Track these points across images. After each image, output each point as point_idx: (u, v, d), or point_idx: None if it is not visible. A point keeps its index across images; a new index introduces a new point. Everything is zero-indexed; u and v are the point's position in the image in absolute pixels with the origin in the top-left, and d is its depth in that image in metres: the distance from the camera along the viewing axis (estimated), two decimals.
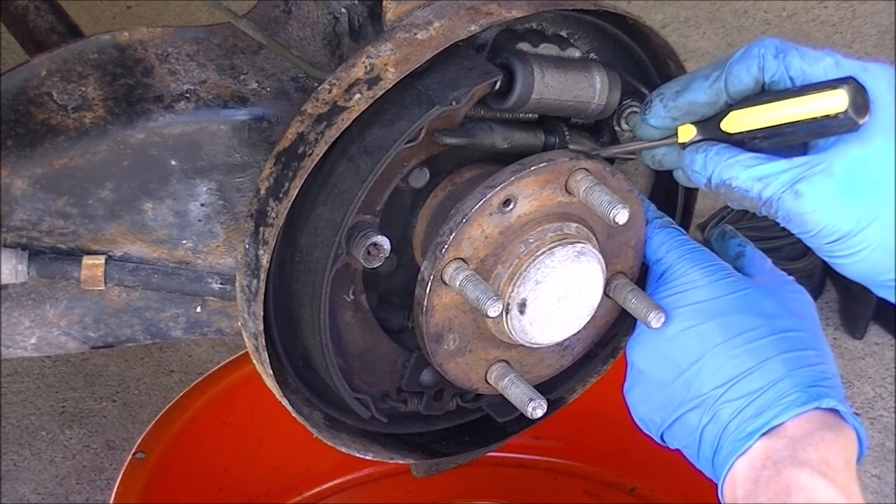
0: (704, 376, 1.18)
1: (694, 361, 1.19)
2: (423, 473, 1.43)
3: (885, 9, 3.56)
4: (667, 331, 1.21)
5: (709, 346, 1.19)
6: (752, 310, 1.20)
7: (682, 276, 1.23)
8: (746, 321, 1.19)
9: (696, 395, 1.19)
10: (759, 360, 1.17)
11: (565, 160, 1.20)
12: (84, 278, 1.28)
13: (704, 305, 1.21)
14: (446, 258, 1.18)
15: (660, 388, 1.22)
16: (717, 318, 1.20)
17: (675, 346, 1.20)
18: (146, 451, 1.93)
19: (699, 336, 1.19)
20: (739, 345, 1.18)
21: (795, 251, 2.68)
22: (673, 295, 1.22)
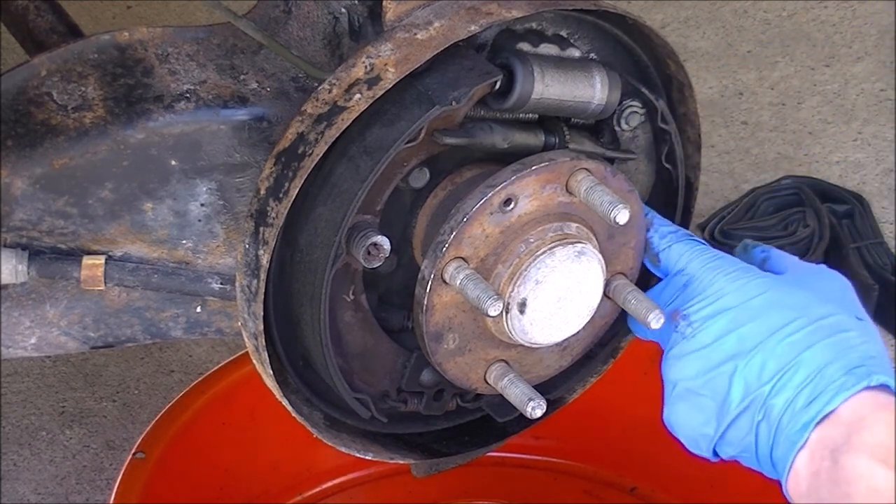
0: (750, 377, 1.17)
1: (737, 365, 1.18)
2: (423, 473, 1.43)
3: (885, 9, 3.56)
4: (704, 341, 1.20)
5: (749, 347, 1.18)
6: (785, 304, 1.20)
7: (709, 285, 1.22)
8: (782, 316, 1.19)
9: (743, 397, 1.18)
10: (801, 350, 1.16)
11: (566, 160, 1.20)
12: (84, 278, 1.28)
13: (737, 310, 1.20)
14: (447, 257, 1.18)
15: (706, 400, 1.20)
16: (752, 319, 1.19)
17: (714, 355, 1.20)
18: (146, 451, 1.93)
19: (738, 340, 1.19)
20: (779, 340, 1.17)
21: (795, 251, 2.67)
22: (704, 305, 1.21)
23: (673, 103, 1.33)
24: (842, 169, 3.06)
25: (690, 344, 1.21)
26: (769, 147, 3.15)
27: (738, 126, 3.22)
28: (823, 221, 2.71)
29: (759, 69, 3.40)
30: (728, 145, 3.15)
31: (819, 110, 3.26)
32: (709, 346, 1.20)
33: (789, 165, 3.06)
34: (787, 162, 3.09)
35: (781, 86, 3.34)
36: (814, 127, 3.20)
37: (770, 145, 3.15)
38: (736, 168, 3.08)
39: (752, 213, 2.78)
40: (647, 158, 1.35)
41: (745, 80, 3.37)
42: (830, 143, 3.14)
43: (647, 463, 2.14)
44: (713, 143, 3.13)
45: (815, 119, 3.23)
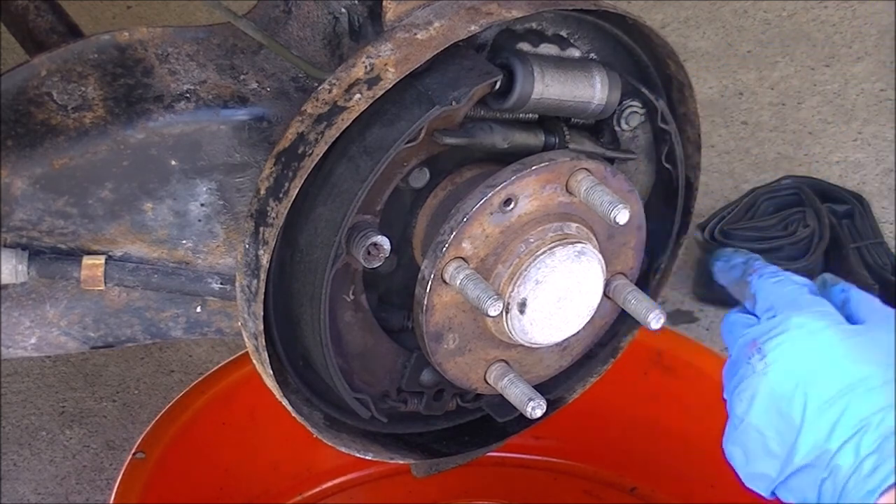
0: (819, 432, 1.15)
1: (807, 416, 1.16)
2: (423, 473, 1.43)
3: (885, 9, 3.56)
4: (777, 382, 1.17)
5: (822, 399, 1.15)
6: (864, 359, 1.16)
7: (794, 325, 1.19)
8: (859, 371, 1.16)
9: (810, 450, 1.15)
10: (875, 411, 1.13)
11: (566, 160, 1.20)
12: (84, 278, 1.28)
13: (817, 356, 1.17)
14: (447, 257, 1.18)
15: (772, 443, 1.18)
16: (830, 368, 1.16)
17: (786, 401, 1.17)
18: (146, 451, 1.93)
19: (812, 389, 1.16)
20: (853, 395, 1.14)
21: (796, 251, 2.68)
22: (784, 342, 1.19)
23: (673, 103, 1.33)
24: (842, 169, 3.06)
25: (762, 382, 1.18)
26: (769, 147, 3.15)
27: (738, 126, 3.22)
28: (823, 221, 2.71)
29: (759, 69, 3.40)
30: (728, 145, 3.15)
31: (819, 110, 3.26)
32: (781, 391, 1.17)
33: (789, 165, 3.06)
34: (787, 162, 3.08)
35: (781, 86, 3.34)
36: (814, 127, 3.20)
37: (770, 145, 3.15)
38: (736, 168, 3.07)
39: (752, 213, 2.78)
40: (647, 158, 1.35)
41: (745, 80, 3.37)
42: (830, 143, 3.14)
43: (647, 463, 2.14)
44: (713, 143, 3.13)
45: (815, 119, 3.23)
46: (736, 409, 1.20)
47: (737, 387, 1.20)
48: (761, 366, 1.18)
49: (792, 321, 1.19)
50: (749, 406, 1.19)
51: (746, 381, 1.19)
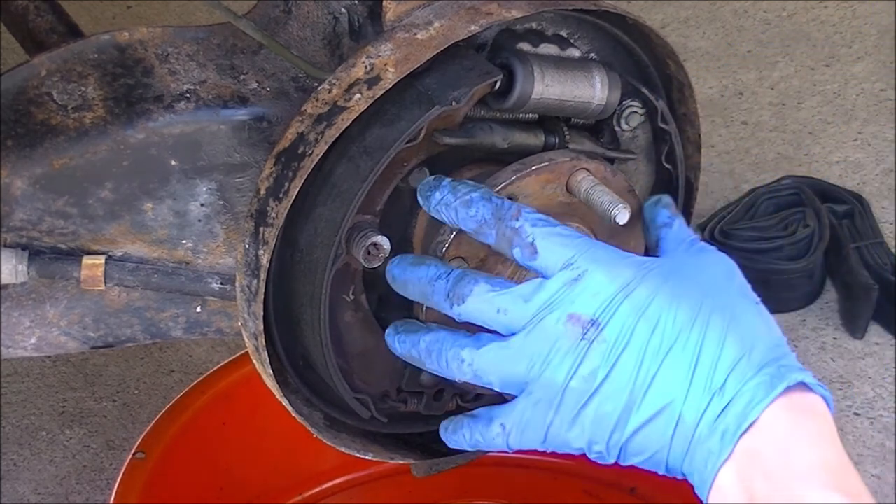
0: (659, 386, 1.07)
1: (639, 371, 1.08)
2: (423, 473, 1.43)
3: (885, 9, 3.56)
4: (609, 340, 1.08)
5: (654, 350, 1.07)
6: (688, 297, 1.08)
7: (603, 283, 1.10)
8: (685, 315, 1.08)
9: (654, 403, 1.07)
10: (696, 348, 1.06)
11: (566, 160, 1.20)
12: (84, 278, 1.28)
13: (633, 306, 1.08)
14: (447, 256, 1.18)
15: (609, 405, 1.09)
16: (634, 313, 1.08)
17: (615, 358, 1.08)
18: (146, 451, 1.93)
19: (640, 343, 1.08)
20: (670, 336, 1.07)
21: (795, 251, 2.68)
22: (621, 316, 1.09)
23: (673, 103, 1.33)
24: (842, 169, 3.06)
25: (599, 346, 1.08)
26: (769, 147, 3.15)
27: (738, 126, 3.22)
28: (823, 221, 2.71)
29: (759, 69, 3.41)
30: (728, 145, 3.15)
31: (819, 110, 3.26)
32: (621, 353, 1.08)
33: (789, 165, 3.06)
34: (787, 162, 3.09)
35: (781, 86, 3.35)
36: (814, 127, 3.20)
37: (770, 145, 3.15)
38: (736, 168, 3.08)
39: (752, 213, 2.78)
40: (647, 158, 1.35)
41: (745, 80, 3.37)
42: (830, 143, 3.15)
43: None
44: (713, 143, 3.14)
45: (815, 119, 3.23)
46: (571, 396, 1.08)
47: (574, 368, 1.08)
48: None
49: (608, 281, 1.09)
50: (593, 383, 1.08)
51: (587, 360, 1.08)
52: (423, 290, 1.17)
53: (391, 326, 1.22)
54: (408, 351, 1.19)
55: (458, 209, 1.15)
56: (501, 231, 1.13)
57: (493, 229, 1.14)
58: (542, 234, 1.13)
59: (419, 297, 1.18)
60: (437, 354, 1.16)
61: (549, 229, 1.13)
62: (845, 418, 2.43)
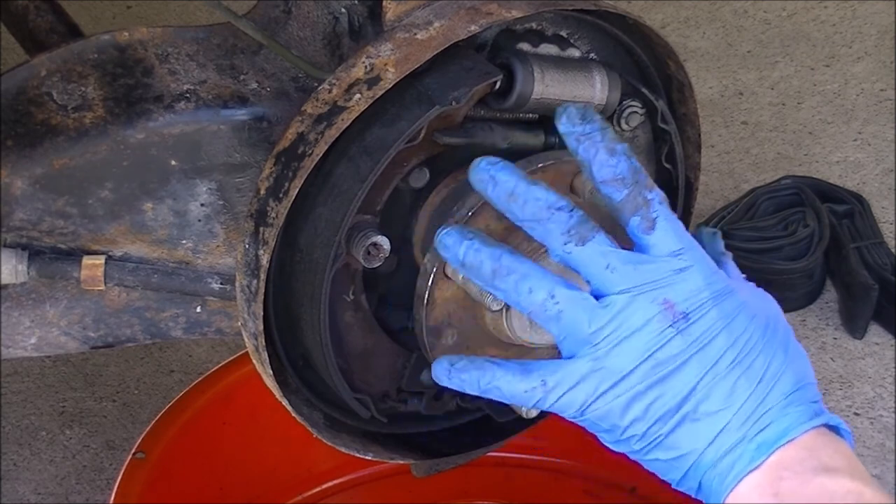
0: (717, 387, 1.10)
1: (707, 370, 1.11)
2: (423, 473, 1.43)
3: (885, 9, 3.57)
4: (692, 336, 1.11)
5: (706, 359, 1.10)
6: (754, 318, 1.12)
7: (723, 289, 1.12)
8: (753, 338, 1.12)
9: (691, 406, 1.10)
10: (761, 376, 1.10)
11: (571, 159, 1.20)
12: (84, 278, 1.29)
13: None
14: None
15: (664, 397, 1.11)
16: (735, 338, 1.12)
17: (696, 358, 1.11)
18: (146, 451, 1.93)
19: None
20: (745, 353, 1.11)
21: (795, 251, 2.68)
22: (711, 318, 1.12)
23: (673, 103, 1.33)
24: (842, 169, 3.06)
25: (683, 339, 1.11)
26: (769, 147, 3.15)
27: (738, 126, 3.22)
28: (823, 221, 2.71)
29: (759, 69, 3.41)
30: (728, 145, 3.15)
31: (819, 110, 3.26)
32: (699, 350, 1.11)
33: (789, 165, 3.06)
34: (787, 162, 3.09)
35: (781, 86, 3.35)
36: (814, 127, 3.21)
37: (770, 145, 3.15)
38: (736, 168, 3.08)
39: (752, 213, 2.78)
40: (647, 158, 1.35)
41: (745, 80, 3.37)
42: (830, 143, 3.15)
43: None
44: (713, 143, 3.14)
45: (815, 119, 3.23)
46: (639, 372, 1.10)
47: (651, 349, 1.10)
48: (685, 328, 1.09)
49: (705, 284, 1.11)
50: (663, 368, 1.10)
51: (666, 346, 1.10)
52: (539, 213, 1.11)
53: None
54: (480, 263, 1.12)
55: (601, 151, 1.12)
56: (633, 194, 1.12)
57: (626, 189, 1.12)
58: (666, 214, 1.13)
59: (529, 218, 1.11)
60: (522, 279, 1.11)
61: (672, 215, 1.14)
62: (845, 418, 2.43)
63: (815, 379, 1.14)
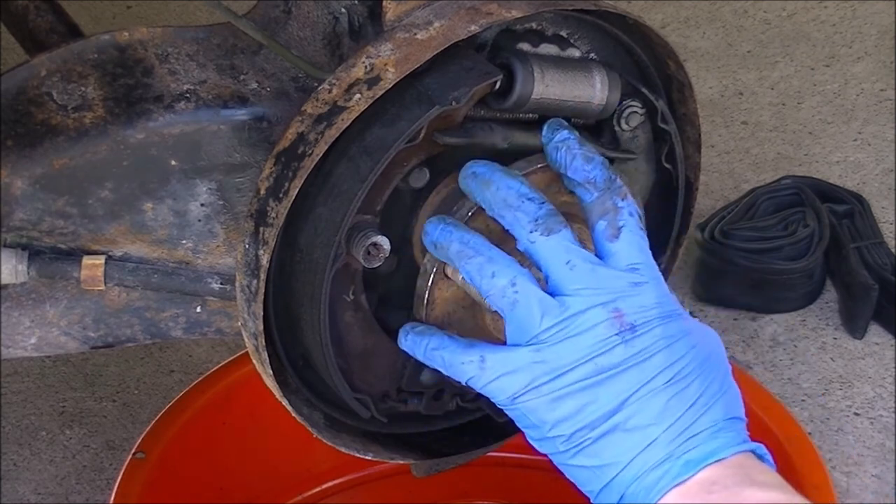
0: (650, 403, 1.11)
1: (642, 384, 1.11)
2: (423, 473, 1.43)
3: (885, 9, 3.57)
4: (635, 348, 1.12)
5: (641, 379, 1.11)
6: (695, 346, 1.14)
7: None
8: (693, 367, 1.13)
9: (622, 416, 1.10)
10: (692, 402, 1.11)
11: None
12: (84, 278, 1.29)
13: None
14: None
15: (599, 400, 1.12)
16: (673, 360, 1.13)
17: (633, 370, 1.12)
18: (146, 451, 1.93)
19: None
20: (681, 376, 1.12)
21: (795, 251, 2.68)
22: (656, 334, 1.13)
23: (673, 103, 1.33)
24: (842, 169, 3.06)
25: (626, 349, 1.12)
26: (769, 147, 3.15)
27: (738, 126, 3.22)
28: (823, 221, 2.71)
29: (759, 69, 3.41)
30: (728, 145, 3.15)
31: (819, 110, 3.26)
32: (638, 363, 1.12)
33: (789, 165, 3.06)
34: (787, 162, 3.09)
35: (781, 86, 3.35)
36: (814, 127, 3.20)
37: (770, 145, 3.15)
38: (736, 168, 3.08)
39: (752, 213, 2.78)
40: (647, 158, 1.35)
41: (745, 80, 3.37)
42: (830, 143, 3.15)
43: None
44: (713, 143, 3.14)
45: (815, 119, 3.23)
46: (575, 373, 1.10)
47: (592, 352, 1.11)
48: (630, 339, 1.11)
49: (656, 301, 1.13)
50: (599, 373, 1.11)
51: (609, 353, 1.11)
52: (509, 200, 1.15)
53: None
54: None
55: (578, 157, 1.18)
56: (603, 200, 1.17)
57: (597, 192, 1.17)
58: (632, 226, 1.16)
59: (498, 206, 1.15)
60: (488, 262, 1.14)
61: (640, 229, 1.17)
62: (845, 418, 2.43)
63: (745, 418, 1.15)
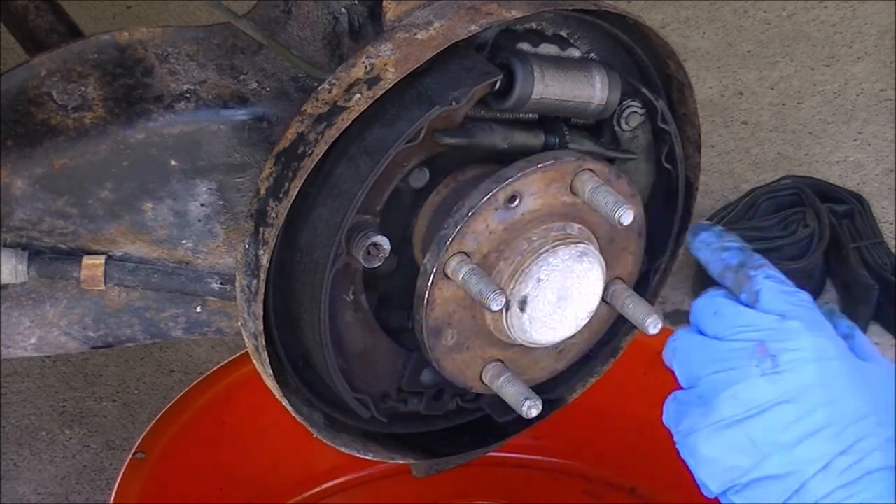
0: (805, 446, 1.12)
1: (806, 428, 1.13)
2: (423, 473, 1.43)
3: (885, 9, 3.57)
4: (786, 389, 1.14)
5: (821, 419, 1.13)
6: (871, 398, 1.15)
7: (810, 337, 1.16)
8: (858, 407, 1.14)
9: (787, 463, 1.12)
10: (865, 454, 1.12)
11: (571, 159, 1.21)
12: (84, 278, 1.28)
13: (828, 375, 1.15)
14: (450, 251, 1.18)
15: (751, 445, 1.14)
16: (837, 392, 1.14)
17: (783, 411, 1.14)
18: (146, 451, 1.93)
19: (821, 405, 1.13)
20: (847, 428, 1.13)
21: (795, 251, 2.68)
22: (800, 354, 1.15)
23: (673, 103, 1.33)
24: (842, 169, 3.06)
25: (769, 389, 1.14)
26: (769, 147, 3.15)
27: (738, 126, 3.22)
28: (823, 221, 2.71)
29: (759, 69, 3.41)
30: (728, 145, 3.15)
31: (819, 110, 3.26)
32: (781, 401, 1.14)
33: (789, 165, 3.06)
34: (787, 162, 3.09)
35: (781, 86, 3.35)
36: (814, 127, 3.21)
37: (770, 145, 3.15)
38: (736, 168, 3.08)
39: (752, 213, 2.78)
40: (647, 158, 1.35)
41: (745, 80, 3.37)
42: (830, 143, 3.15)
43: (647, 463, 2.14)
44: (713, 143, 3.14)
45: (815, 119, 3.23)
46: (724, 407, 1.16)
47: (733, 384, 1.16)
48: (770, 372, 1.14)
49: (809, 338, 1.15)
50: (745, 408, 1.15)
51: (748, 383, 1.15)
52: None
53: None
54: None
55: (715, 251, 1.24)
56: (739, 278, 1.22)
57: (733, 274, 1.22)
58: (768, 286, 1.20)
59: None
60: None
61: (776, 286, 1.20)
62: None
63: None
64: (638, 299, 1.25)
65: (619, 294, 1.26)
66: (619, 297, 1.26)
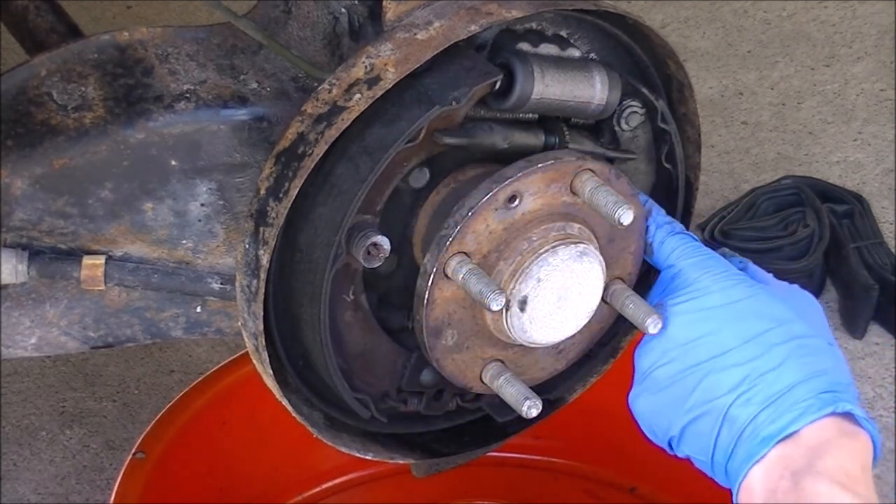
0: (718, 380, 1.17)
1: (708, 366, 1.18)
2: (423, 473, 1.43)
3: (885, 9, 3.57)
4: (679, 336, 1.20)
5: (722, 349, 1.18)
6: (765, 314, 1.19)
7: (694, 282, 1.22)
8: (760, 325, 1.19)
9: (709, 399, 1.17)
10: (774, 365, 1.16)
11: (572, 159, 1.21)
12: (84, 278, 1.28)
13: (718, 310, 1.20)
14: (450, 251, 1.18)
15: (671, 394, 1.20)
16: (730, 322, 1.19)
17: (687, 352, 1.19)
18: (146, 451, 1.93)
19: (713, 341, 1.18)
20: (753, 349, 1.17)
21: (795, 251, 2.68)
22: (686, 300, 1.21)
23: (673, 103, 1.33)
24: (842, 169, 3.06)
25: (665, 336, 1.21)
26: (769, 147, 3.15)
27: (738, 126, 3.22)
28: (823, 221, 2.71)
29: (759, 69, 3.41)
30: (728, 145, 3.15)
31: (819, 110, 3.26)
32: (683, 344, 1.20)
33: (789, 165, 3.06)
34: (787, 162, 3.09)
35: (781, 86, 3.35)
36: (814, 127, 3.20)
37: (770, 145, 3.15)
38: (736, 168, 3.08)
39: (752, 213, 2.78)
40: (647, 158, 1.35)
41: (745, 80, 3.37)
42: (830, 143, 3.15)
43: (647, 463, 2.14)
44: (713, 143, 3.14)
45: (815, 119, 3.23)
46: (641, 361, 1.22)
47: (644, 345, 1.22)
48: (654, 328, 1.20)
49: (695, 278, 1.22)
50: (655, 361, 1.21)
51: (655, 341, 1.21)
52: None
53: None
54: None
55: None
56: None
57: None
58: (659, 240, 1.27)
59: None
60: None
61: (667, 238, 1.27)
62: None
63: (840, 373, 1.19)
64: (638, 299, 1.25)
65: (619, 294, 1.26)
66: (619, 297, 1.26)
